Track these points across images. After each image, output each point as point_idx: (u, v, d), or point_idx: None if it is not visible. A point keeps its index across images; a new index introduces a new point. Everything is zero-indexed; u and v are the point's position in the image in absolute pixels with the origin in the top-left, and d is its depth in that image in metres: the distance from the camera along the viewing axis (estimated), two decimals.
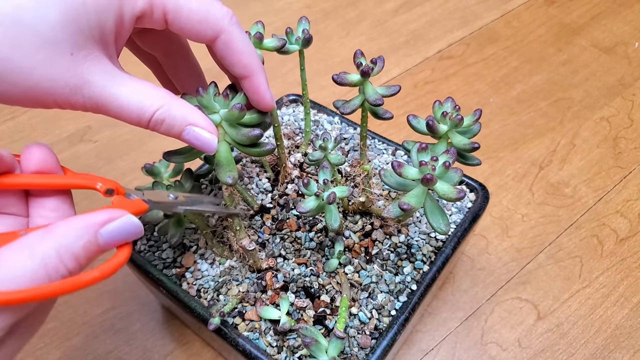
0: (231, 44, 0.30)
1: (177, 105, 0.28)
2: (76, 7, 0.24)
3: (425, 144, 0.33)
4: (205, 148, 0.29)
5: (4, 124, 0.71)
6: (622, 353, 0.48)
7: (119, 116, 0.27)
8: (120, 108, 0.26)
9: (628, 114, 0.70)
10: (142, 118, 0.27)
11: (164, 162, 0.52)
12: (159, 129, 0.28)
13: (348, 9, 0.89)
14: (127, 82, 0.27)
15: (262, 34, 0.38)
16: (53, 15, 0.24)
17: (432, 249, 0.43)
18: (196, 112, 0.29)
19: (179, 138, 0.29)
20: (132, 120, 0.27)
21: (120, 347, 0.50)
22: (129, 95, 0.26)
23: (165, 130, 0.28)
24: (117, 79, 0.27)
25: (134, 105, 0.27)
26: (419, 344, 0.49)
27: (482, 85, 0.75)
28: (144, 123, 0.27)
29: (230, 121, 0.32)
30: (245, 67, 0.31)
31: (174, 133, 0.28)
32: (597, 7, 0.87)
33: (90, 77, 0.25)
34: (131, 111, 0.27)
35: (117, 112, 0.26)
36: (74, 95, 0.25)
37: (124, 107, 0.26)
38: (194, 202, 0.35)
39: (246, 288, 0.41)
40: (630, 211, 0.59)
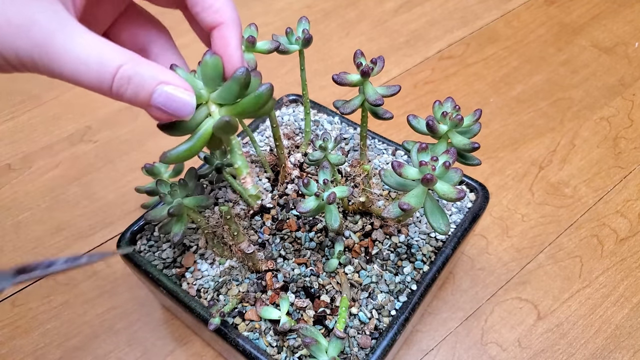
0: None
1: (146, 63, 0.23)
2: None
3: (425, 144, 0.33)
4: (181, 111, 0.24)
5: (4, 124, 0.71)
6: (622, 353, 0.48)
7: (73, 74, 0.22)
8: (76, 61, 0.21)
9: (628, 114, 0.70)
10: (103, 75, 0.22)
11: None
12: (124, 92, 0.23)
13: (348, 9, 0.89)
14: (84, 34, 0.22)
15: (255, 37, 0.38)
16: None
17: (432, 249, 0.43)
18: (167, 70, 0.24)
19: (147, 105, 0.24)
20: (91, 79, 0.22)
21: (120, 347, 0.50)
22: (87, 47, 0.22)
23: (132, 92, 0.23)
24: (71, 27, 0.22)
25: (93, 59, 0.22)
26: (419, 344, 0.49)
27: (482, 85, 0.75)
28: (105, 83, 0.22)
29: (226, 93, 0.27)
30: (216, 12, 0.27)
31: (143, 96, 0.23)
32: (597, 7, 0.87)
33: (38, 17, 0.21)
34: (89, 66, 0.22)
35: (71, 69, 0.22)
36: (19, 38, 0.21)
37: (81, 61, 0.21)
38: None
39: (246, 288, 0.41)
40: (630, 211, 0.59)
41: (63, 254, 0.57)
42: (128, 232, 0.44)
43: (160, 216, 0.38)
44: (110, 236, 0.58)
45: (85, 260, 0.27)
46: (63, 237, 0.58)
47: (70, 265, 0.26)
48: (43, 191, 0.63)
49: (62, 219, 0.60)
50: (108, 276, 0.55)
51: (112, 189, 0.63)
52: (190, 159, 0.27)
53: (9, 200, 0.62)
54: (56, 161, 0.66)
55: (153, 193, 0.52)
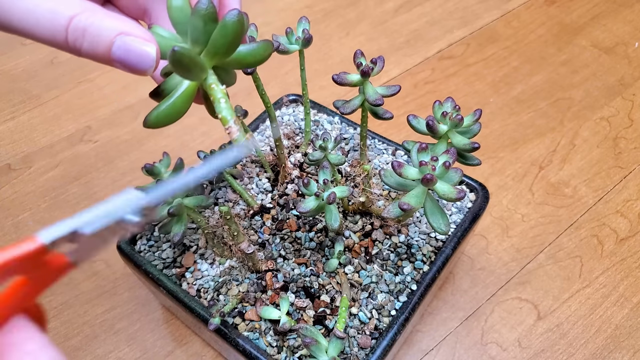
0: None
1: (103, 13, 0.21)
2: None
3: (425, 144, 0.33)
4: (141, 63, 0.22)
5: (4, 124, 0.71)
6: (622, 353, 0.48)
7: (23, 25, 0.20)
8: (24, 11, 0.20)
9: (628, 114, 0.70)
10: (55, 27, 0.20)
11: (164, 162, 0.52)
12: (81, 45, 0.21)
13: (348, 9, 0.89)
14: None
15: (255, 37, 0.38)
16: None
17: (432, 249, 0.43)
18: (128, 21, 0.22)
19: (109, 59, 0.22)
20: (42, 31, 0.20)
21: (120, 347, 0.50)
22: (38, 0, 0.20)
23: (90, 45, 0.21)
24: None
25: (44, 8, 0.20)
26: (419, 344, 0.49)
27: (482, 85, 0.75)
28: (58, 35, 0.20)
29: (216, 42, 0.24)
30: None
31: (102, 49, 0.21)
32: (597, 7, 0.87)
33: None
34: (40, 17, 0.20)
35: (19, 18, 0.20)
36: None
37: (29, 10, 0.20)
38: None
39: (246, 288, 0.41)
40: (630, 211, 0.59)
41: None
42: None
43: (160, 216, 0.38)
44: None
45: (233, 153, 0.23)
46: None
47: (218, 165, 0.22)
48: (43, 191, 0.63)
49: (62, 219, 0.60)
50: (108, 276, 0.55)
51: (112, 189, 0.63)
52: (174, 121, 0.25)
53: (9, 200, 0.62)
54: (56, 161, 0.66)
55: None
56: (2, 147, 0.69)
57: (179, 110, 0.24)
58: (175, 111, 0.24)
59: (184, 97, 0.24)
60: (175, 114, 0.24)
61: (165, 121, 0.24)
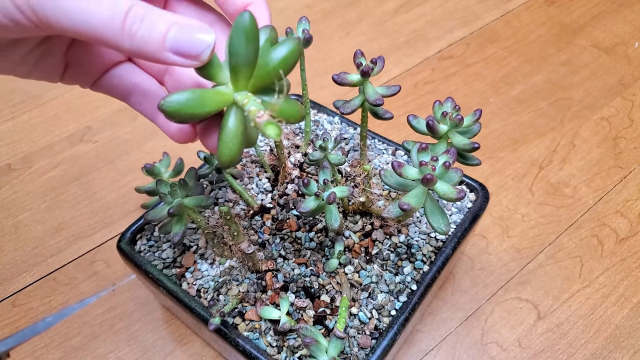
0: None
1: (156, 8, 0.22)
2: None
3: (425, 144, 0.33)
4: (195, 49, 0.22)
5: (4, 124, 0.71)
6: (622, 353, 0.48)
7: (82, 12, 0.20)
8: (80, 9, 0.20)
9: (628, 114, 0.70)
10: (115, 12, 0.20)
11: (164, 162, 0.52)
12: (136, 31, 0.21)
13: (348, 9, 0.89)
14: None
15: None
16: None
17: (432, 249, 0.43)
18: (178, 15, 0.22)
19: (159, 50, 0.22)
20: (102, 17, 0.20)
21: (120, 347, 0.50)
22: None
23: (145, 32, 0.21)
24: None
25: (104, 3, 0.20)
26: (419, 344, 0.49)
27: (482, 85, 0.75)
28: (117, 20, 0.21)
29: None
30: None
31: (156, 37, 0.21)
32: (597, 7, 0.87)
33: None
34: (100, 5, 0.20)
35: (80, 9, 0.20)
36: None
37: (85, 8, 0.20)
38: None
39: (246, 288, 0.41)
40: (630, 211, 0.59)
41: (63, 254, 0.57)
42: (128, 232, 0.44)
43: (160, 216, 0.38)
44: (110, 236, 0.58)
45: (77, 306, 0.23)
46: (63, 237, 0.58)
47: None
48: (43, 191, 0.63)
49: (62, 219, 0.60)
50: (108, 276, 0.55)
51: (112, 189, 0.63)
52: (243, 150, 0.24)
53: (9, 200, 0.62)
54: (56, 161, 0.66)
55: (153, 193, 0.52)
56: (2, 147, 0.69)
57: (239, 142, 0.23)
58: (237, 143, 0.23)
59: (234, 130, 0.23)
60: (237, 146, 0.23)
61: (236, 156, 0.24)
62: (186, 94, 0.22)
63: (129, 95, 0.29)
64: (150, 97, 0.29)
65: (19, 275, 0.55)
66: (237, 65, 0.22)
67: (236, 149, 0.23)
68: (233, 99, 0.23)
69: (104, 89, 0.29)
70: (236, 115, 0.23)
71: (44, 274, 0.55)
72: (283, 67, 0.23)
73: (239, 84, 0.23)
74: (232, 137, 0.23)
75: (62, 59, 0.27)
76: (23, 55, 0.25)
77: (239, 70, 0.22)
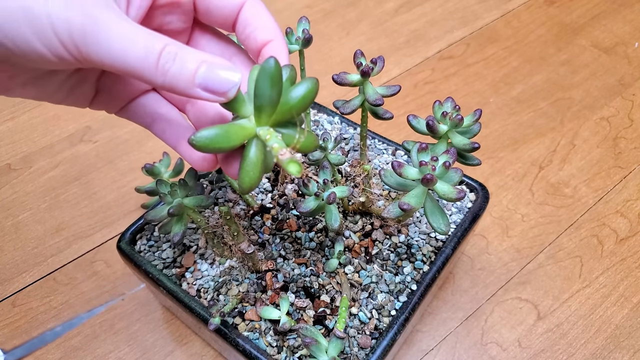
0: (258, 7, 0.29)
1: (188, 47, 0.24)
2: None
3: (425, 144, 0.33)
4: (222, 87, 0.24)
5: (4, 124, 0.71)
6: (622, 353, 0.48)
7: (121, 49, 0.22)
8: (124, 37, 0.22)
9: (628, 114, 0.70)
10: (150, 51, 0.22)
11: (164, 162, 0.52)
12: (169, 68, 0.23)
13: (348, 9, 0.89)
14: (130, 20, 0.23)
15: None
16: None
17: (432, 249, 0.43)
18: (208, 53, 0.24)
19: (191, 84, 0.24)
20: (137, 54, 0.22)
21: (120, 347, 0.50)
22: (134, 26, 0.23)
23: (177, 70, 0.23)
24: (118, 11, 0.23)
25: (141, 36, 0.22)
26: (419, 344, 0.49)
27: (482, 85, 0.75)
28: (152, 58, 0.23)
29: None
30: (270, 29, 0.29)
31: (186, 74, 0.23)
32: (597, 7, 0.87)
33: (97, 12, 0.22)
34: (137, 42, 0.22)
35: (119, 43, 0.22)
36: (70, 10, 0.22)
37: (129, 36, 0.22)
38: None
39: (246, 288, 0.41)
40: (630, 211, 0.59)
41: (63, 254, 0.57)
42: (128, 232, 0.44)
43: (160, 216, 0.38)
44: (110, 236, 0.58)
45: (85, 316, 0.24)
46: (63, 237, 0.58)
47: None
48: (43, 191, 0.63)
49: (62, 219, 0.60)
50: (108, 276, 0.55)
51: (112, 189, 0.63)
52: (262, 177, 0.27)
53: (9, 200, 0.62)
54: (56, 161, 0.66)
55: (153, 193, 0.52)
56: (2, 147, 0.69)
57: (259, 171, 0.26)
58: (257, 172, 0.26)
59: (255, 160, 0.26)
60: (257, 174, 0.26)
61: (256, 183, 0.26)
62: (214, 130, 0.24)
63: (152, 123, 0.31)
64: (173, 127, 0.31)
65: (19, 275, 0.55)
66: (261, 105, 0.24)
67: (256, 177, 0.26)
68: (255, 132, 0.25)
69: (129, 116, 0.31)
70: (257, 147, 0.25)
71: (44, 274, 0.55)
72: (302, 105, 0.25)
73: (262, 120, 0.25)
74: (253, 167, 0.25)
75: (93, 87, 0.29)
76: (59, 84, 0.27)
77: (263, 108, 0.24)
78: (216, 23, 0.30)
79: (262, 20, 0.29)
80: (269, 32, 0.29)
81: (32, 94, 0.27)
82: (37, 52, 0.22)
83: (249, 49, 0.30)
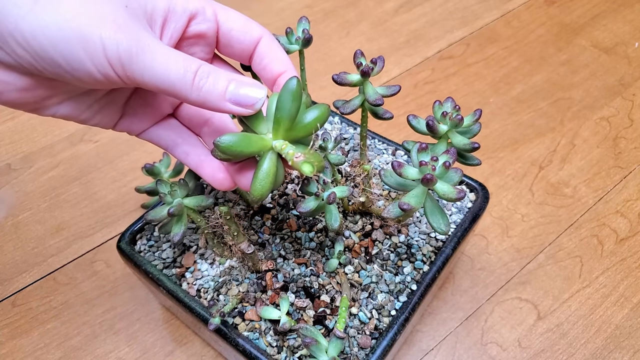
0: (272, 42, 0.33)
1: (218, 68, 0.28)
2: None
3: (425, 144, 0.33)
4: (249, 102, 0.27)
5: (4, 124, 0.71)
6: (622, 353, 0.48)
7: (163, 68, 0.25)
8: (166, 59, 0.25)
9: (628, 114, 0.70)
10: (187, 70, 0.26)
11: (164, 162, 0.52)
12: (203, 85, 0.26)
13: (348, 9, 0.89)
14: (169, 47, 0.27)
15: None
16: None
17: (432, 249, 0.43)
18: (237, 73, 0.29)
19: (222, 98, 0.27)
20: (177, 73, 0.26)
21: (120, 347, 0.50)
22: (173, 51, 0.26)
23: (210, 87, 0.26)
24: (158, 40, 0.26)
25: (180, 58, 0.26)
26: (419, 344, 0.49)
27: (482, 85, 0.75)
28: (189, 76, 0.26)
29: None
30: (284, 62, 0.33)
31: (219, 90, 0.27)
32: (597, 7, 0.87)
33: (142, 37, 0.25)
34: (177, 64, 0.26)
35: (162, 62, 0.25)
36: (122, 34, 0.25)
37: (170, 58, 0.26)
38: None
39: (246, 288, 0.41)
40: (630, 211, 0.59)
41: (63, 254, 0.57)
42: (128, 232, 0.44)
43: (160, 216, 0.38)
44: (110, 236, 0.58)
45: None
46: (63, 237, 0.58)
47: None
48: (43, 191, 0.63)
49: (62, 219, 0.60)
50: (108, 276, 0.55)
51: (112, 189, 0.63)
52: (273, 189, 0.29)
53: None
54: (56, 161, 0.66)
55: (153, 193, 0.52)
56: (2, 147, 0.69)
57: (271, 182, 0.28)
58: (269, 183, 0.28)
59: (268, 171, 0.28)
60: (268, 185, 0.28)
61: (266, 194, 0.28)
62: (237, 136, 0.27)
63: (174, 146, 0.34)
64: (195, 150, 0.34)
65: (19, 275, 0.55)
66: (281, 118, 0.27)
67: (267, 187, 0.28)
68: (272, 145, 0.28)
69: (150, 138, 0.34)
70: (271, 160, 0.28)
71: (44, 274, 0.55)
72: (315, 125, 0.28)
73: (279, 133, 0.28)
74: (265, 177, 0.28)
75: (120, 109, 0.32)
76: (91, 103, 0.30)
77: (282, 121, 0.27)
78: (234, 55, 0.33)
79: (276, 54, 0.32)
80: (283, 65, 0.32)
81: (63, 113, 0.29)
82: (87, 71, 0.25)
83: (265, 78, 0.33)
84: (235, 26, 0.31)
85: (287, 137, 0.28)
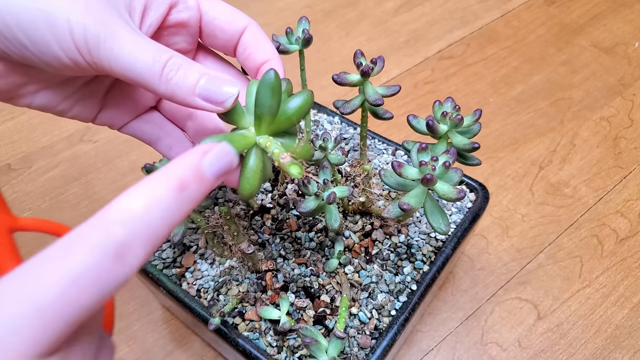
0: (258, 32, 0.31)
1: (192, 61, 0.26)
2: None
3: (425, 144, 0.33)
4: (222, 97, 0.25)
5: (4, 124, 0.71)
6: (622, 353, 0.48)
7: (131, 56, 0.24)
8: (135, 46, 0.24)
9: (628, 114, 0.70)
10: (157, 60, 0.24)
11: (164, 162, 0.52)
12: (172, 77, 0.25)
13: (348, 9, 0.89)
14: (143, 35, 0.25)
15: None
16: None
17: (432, 249, 0.43)
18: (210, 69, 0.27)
19: (192, 93, 0.25)
20: (146, 62, 0.24)
21: (120, 347, 0.49)
22: (145, 39, 0.25)
23: (179, 80, 0.25)
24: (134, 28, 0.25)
25: (151, 46, 0.24)
26: (419, 344, 0.49)
27: (482, 85, 0.75)
28: (157, 66, 0.24)
29: None
30: (268, 51, 0.32)
31: (188, 84, 0.25)
32: (597, 7, 0.87)
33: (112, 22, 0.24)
34: (145, 53, 0.24)
35: (130, 50, 0.24)
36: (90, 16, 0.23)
37: (140, 46, 0.24)
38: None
39: (246, 288, 0.41)
40: (630, 211, 0.59)
41: None
42: None
43: None
44: None
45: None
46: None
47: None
48: (43, 191, 0.63)
49: (62, 219, 0.60)
50: None
51: (112, 189, 0.63)
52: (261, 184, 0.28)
53: (9, 200, 0.62)
54: (56, 161, 0.66)
55: None
56: (2, 147, 0.69)
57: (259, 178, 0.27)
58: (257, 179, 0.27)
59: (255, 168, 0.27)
60: (257, 181, 0.27)
61: (255, 190, 0.27)
62: (220, 137, 0.25)
63: (157, 140, 0.33)
64: (179, 144, 0.33)
65: None
66: (261, 114, 0.26)
67: (256, 184, 0.27)
68: (255, 141, 0.27)
69: (132, 132, 0.33)
70: (256, 155, 0.27)
71: None
72: (299, 115, 0.27)
73: (261, 129, 0.27)
74: (253, 174, 0.27)
75: (99, 101, 0.31)
76: (68, 94, 0.29)
77: (263, 117, 0.26)
78: (219, 46, 0.32)
79: (261, 43, 0.31)
80: (267, 53, 0.31)
81: (39, 103, 0.28)
82: (54, 54, 0.24)
83: (248, 68, 0.32)
84: (219, 15, 0.30)
85: (271, 131, 0.27)
